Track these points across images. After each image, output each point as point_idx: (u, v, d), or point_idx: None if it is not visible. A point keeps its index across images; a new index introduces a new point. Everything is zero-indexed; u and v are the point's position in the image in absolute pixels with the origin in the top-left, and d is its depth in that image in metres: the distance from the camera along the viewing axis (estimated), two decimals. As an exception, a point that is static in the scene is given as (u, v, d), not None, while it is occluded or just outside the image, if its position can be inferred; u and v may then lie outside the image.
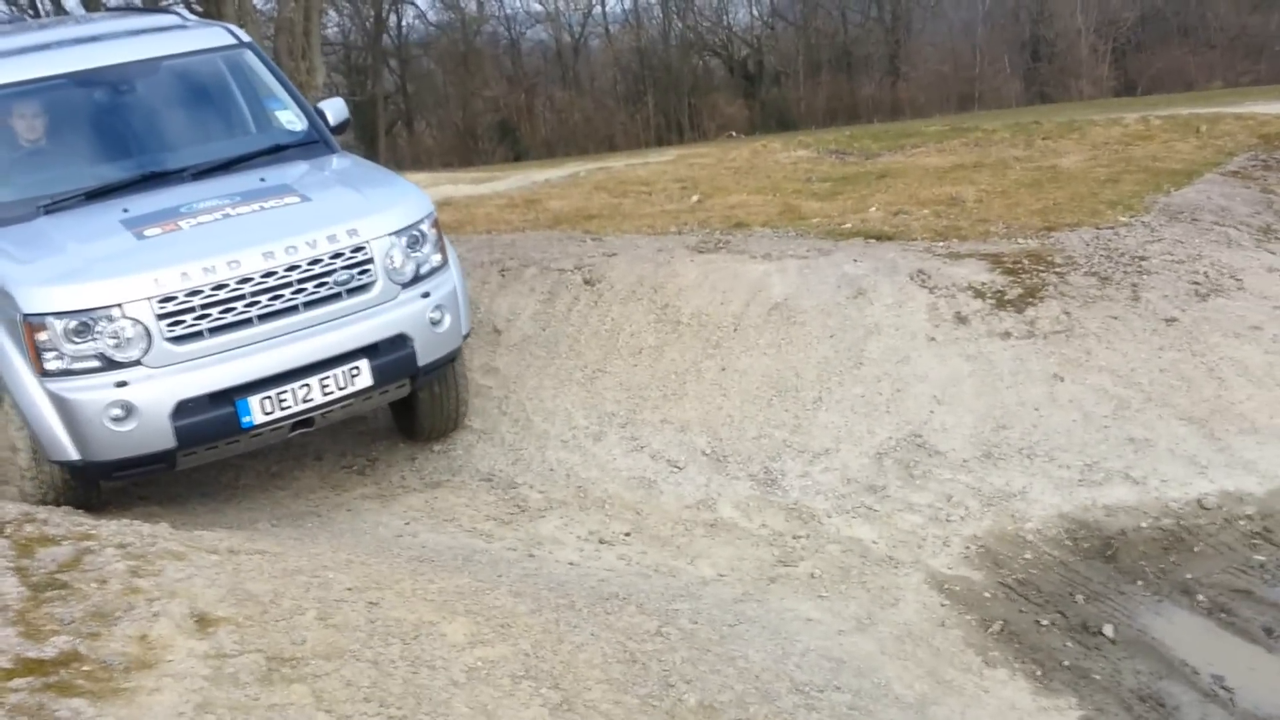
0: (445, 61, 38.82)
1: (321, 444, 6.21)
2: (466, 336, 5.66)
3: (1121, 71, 35.37)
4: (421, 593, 3.82)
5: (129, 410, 4.58)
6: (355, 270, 5.03)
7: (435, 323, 5.29)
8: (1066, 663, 4.38)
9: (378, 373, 5.09)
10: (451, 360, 5.59)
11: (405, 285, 5.21)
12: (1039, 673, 4.32)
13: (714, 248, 7.77)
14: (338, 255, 4.99)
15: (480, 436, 6.19)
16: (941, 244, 7.68)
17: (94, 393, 4.56)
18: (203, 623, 3.11)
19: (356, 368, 5.03)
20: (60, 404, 4.58)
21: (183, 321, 4.67)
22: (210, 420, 4.74)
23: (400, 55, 39.07)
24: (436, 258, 5.39)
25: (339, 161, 5.98)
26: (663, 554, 5.10)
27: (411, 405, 5.90)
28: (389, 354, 5.13)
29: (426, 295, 5.26)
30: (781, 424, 6.08)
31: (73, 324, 4.53)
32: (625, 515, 5.46)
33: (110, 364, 4.58)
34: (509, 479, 5.83)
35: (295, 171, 5.69)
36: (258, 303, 4.81)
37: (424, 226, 5.32)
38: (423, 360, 5.25)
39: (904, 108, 34.38)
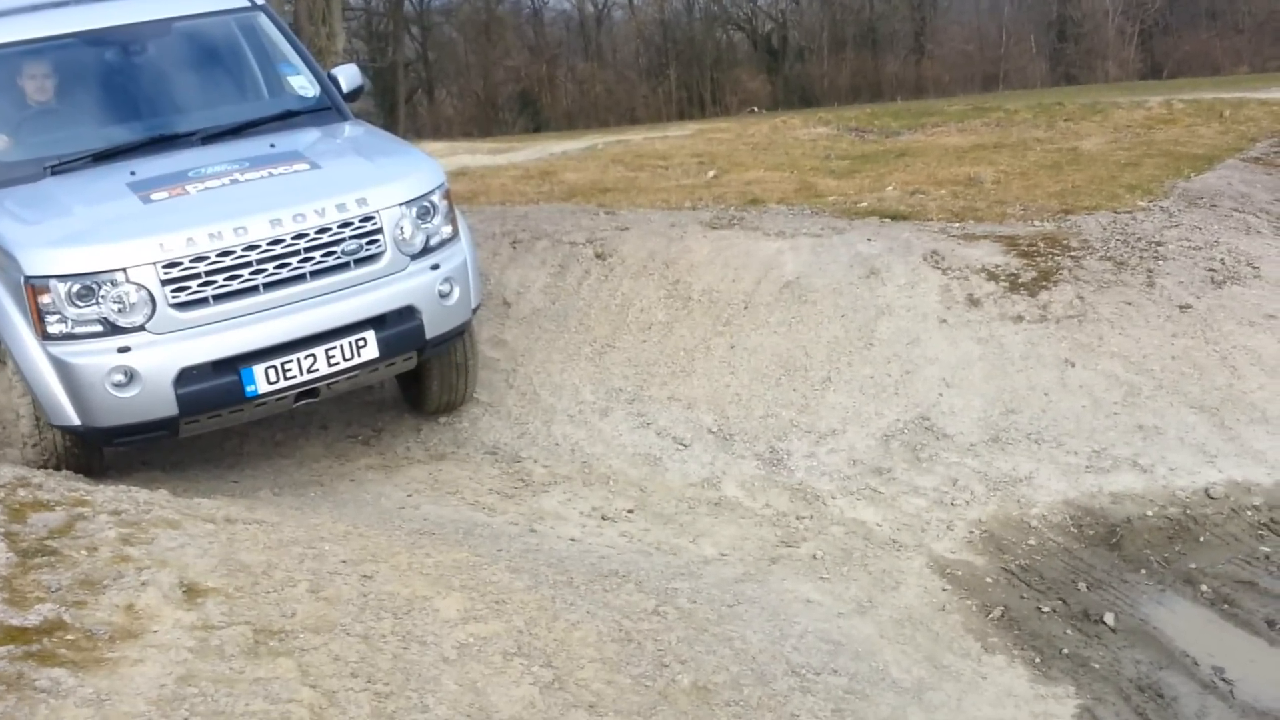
0: (467, 30, 38.67)
1: (327, 413, 6.20)
2: (476, 310, 5.60)
3: (1148, 54, 35.03)
4: (418, 566, 3.81)
5: (131, 376, 4.56)
6: (364, 240, 4.98)
7: (444, 295, 5.23)
8: (1066, 650, 4.35)
9: (384, 344, 5.04)
10: (460, 333, 5.53)
11: (414, 256, 5.15)
12: (1038, 660, 4.29)
13: (728, 224, 7.71)
14: (346, 224, 4.93)
15: (486, 409, 6.16)
16: (957, 225, 7.61)
17: (96, 358, 4.54)
18: (191, 593, 3.10)
19: (363, 339, 4.98)
20: (62, 368, 4.56)
21: (187, 288, 4.63)
22: (213, 388, 4.71)
23: (422, 22, 38.94)
24: (447, 229, 5.33)
25: (351, 129, 5.93)
26: (665, 532, 5.07)
27: (419, 378, 5.86)
28: (396, 326, 5.08)
29: (436, 267, 5.21)
30: (789, 403, 6.04)
31: (76, 287, 4.50)
32: (629, 492, 5.44)
33: (113, 329, 4.56)
34: (514, 453, 5.81)
35: (306, 138, 5.65)
36: (264, 270, 4.76)
37: (435, 197, 5.26)
38: (431, 333, 5.20)
39: (928, 86, 34.10)
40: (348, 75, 6.11)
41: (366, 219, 4.98)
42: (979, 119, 12.52)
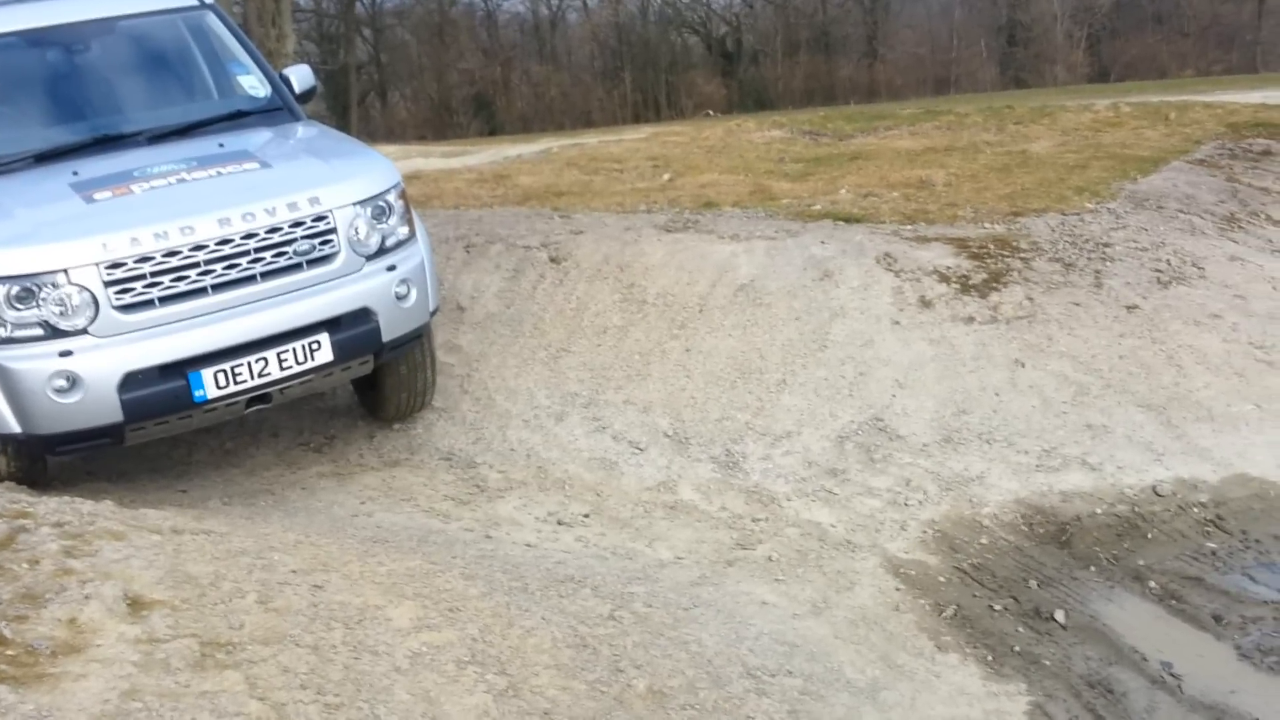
0: (420, 32, 38.46)
1: (279, 420, 6.12)
2: (434, 313, 5.52)
3: (1095, 58, 35.57)
4: (370, 575, 3.76)
5: (73, 381, 4.43)
6: (317, 240, 4.88)
7: (401, 297, 5.13)
8: (1018, 648, 4.39)
9: (339, 348, 4.93)
10: (418, 337, 5.42)
11: (370, 258, 5.05)
12: (990, 658, 4.32)
13: (682, 227, 7.72)
14: (298, 224, 4.83)
15: (441, 415, 6.11)
16: (909, 227, 7.67)
17: (37, 362, 4.41)
18: (136, 606, 3.03)
19: (317, 342, 4.88)
20: (1, 374, 4.45)
21: (132, 289, 4.51)
22: (160, 393, 4.58)
23: (374, 24, 38.67)
24: (403, 230, 5.23)
25: (303, 129, 5.84)
26: (621, 536, 5.06)
27: (377, 383, 5.77)
28: (351, 328, 4.97)
29: (392, 268, 5.11)
30: (744, 406, 6.05)
31: (15, 289, 4.37)
32: (585, 496, 5.42)
33: (55, 332, 4.43)
34: (469, 458, 5.77)
35: (256, 138, 5.55)
36: (212, 271, 4.64)
37: (390, 197, 5.16)
38: (387, 336, 5.09)
39: (880, 89, 34.40)
40: (300, 76, 6.03)
41: (319, 219, 4.89)
42: (930, 122, 12.65)
